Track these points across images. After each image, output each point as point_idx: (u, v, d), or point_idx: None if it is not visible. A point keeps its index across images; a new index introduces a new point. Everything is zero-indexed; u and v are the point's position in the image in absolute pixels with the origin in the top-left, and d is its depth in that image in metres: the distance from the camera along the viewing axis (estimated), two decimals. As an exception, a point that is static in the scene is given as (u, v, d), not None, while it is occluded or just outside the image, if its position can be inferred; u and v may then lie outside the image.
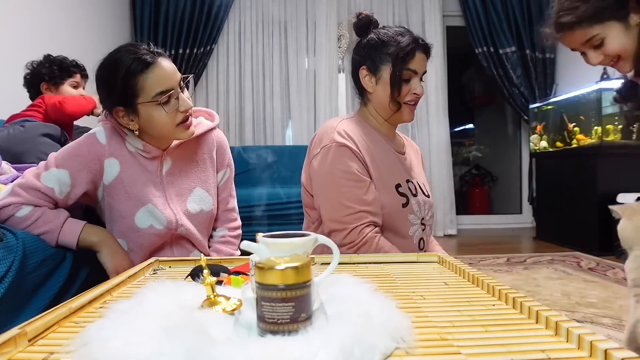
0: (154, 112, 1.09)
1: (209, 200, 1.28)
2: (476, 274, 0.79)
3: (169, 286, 0.63)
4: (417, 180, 1.29)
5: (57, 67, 1.94)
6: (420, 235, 1.25)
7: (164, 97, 1.08)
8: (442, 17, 4.23)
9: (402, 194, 1.21)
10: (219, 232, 1.36)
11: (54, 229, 1.09)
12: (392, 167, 1.23)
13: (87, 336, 0.49)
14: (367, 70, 1.23)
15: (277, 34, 4.15)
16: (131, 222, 1.17)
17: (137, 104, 1.08)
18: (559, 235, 3.53)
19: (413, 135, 4.20)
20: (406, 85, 1.20)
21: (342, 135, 1.17)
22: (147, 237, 1.18)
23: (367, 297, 0.58)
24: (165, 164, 1.22)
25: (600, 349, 0.46)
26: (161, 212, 1.18)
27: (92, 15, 3.25)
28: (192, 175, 1.26)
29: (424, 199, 1.27)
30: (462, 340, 0.52)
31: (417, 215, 1.23)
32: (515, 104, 4.21)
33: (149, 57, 1.07)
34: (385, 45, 1.19)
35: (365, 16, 1.26)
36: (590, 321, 1.75)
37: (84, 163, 1.13)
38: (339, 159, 1.15)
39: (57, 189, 1.10)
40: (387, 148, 1.25)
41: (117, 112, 1.12)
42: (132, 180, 1.17)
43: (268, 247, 0.53)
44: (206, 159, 1.30)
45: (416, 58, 1.19)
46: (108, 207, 1.18)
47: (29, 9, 2.47)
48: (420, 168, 1.39)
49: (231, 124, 4.11)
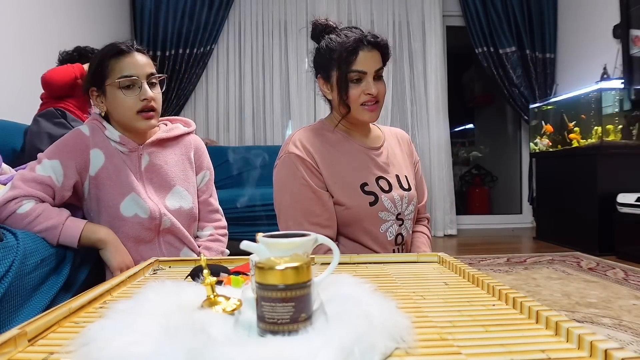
0: (117, 95, 1.19)
1: (188, 198, 1.31)
2: (476, 274, 0.78)
3: (169, 286, 0.63)
4: (395, 174, 1.26)
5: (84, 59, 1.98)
6: (396, 231, 1.23)
7: (126, 80, 1.17)
8: (442, 17, 4.23)
9: (369, 192, 1.19)
10: (206, 231, 1.38)
11: (56, 226, 1.09)
12: (358, 167, 1.21)
13: (87, 336, 0.49)
14: (322, 79, 1.22)
15: (277, 34, 4.15)
16: (117, 211, 1.19)
17: (105, 85, 1.19)
18: (559, 235, 3.52)
19: (413, 135, 4.20)
20: (356, 86, 1.16)
21: (296, 145, 1.18)
22: (132, 227, 1.20)
23: (367, 297, 0.58)
24: (144, 160, 1.26)
25: (600, 349, 0.46)
26: (144, 202, 1.21)
27: (92, 16, 3.25)
28: (171, 173, 1.29)
29: (402, 194, 1.24)
30: (462, 340, 0.52)
31: (390, 212, 1.21)
32: (515, 104, 4.21)
33: (124, 47, 1.19)
34: (331, 51, 1.17)
35: (318, 24, 1.23)
36: (590, 321, 1.75)
37: (71, 152, 1.18)
38: (291, 170, 1.16)
39: (53, 176, 1.14)
40: (354, 149, 1.23)
41: (92, 92, 1.23)
42: (116, 171, 1.21)
43: (268, 247, 0.53)
44: (184, 160, 1.34)
45: (361, 57, 1.14)
46: (95, 199, 1.21)
47: (28, 9, 2.47)
48: (404, 158, 1.34)
49: (231, 124, 4.11)
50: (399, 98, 4.22)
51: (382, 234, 1.20)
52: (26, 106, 2.18)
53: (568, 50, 4.07)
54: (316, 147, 1.19)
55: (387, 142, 1.32)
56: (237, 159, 3.22)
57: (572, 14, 4.02)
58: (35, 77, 1.92)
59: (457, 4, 4.27)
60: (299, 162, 1.16)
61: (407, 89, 4.21)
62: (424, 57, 4.21)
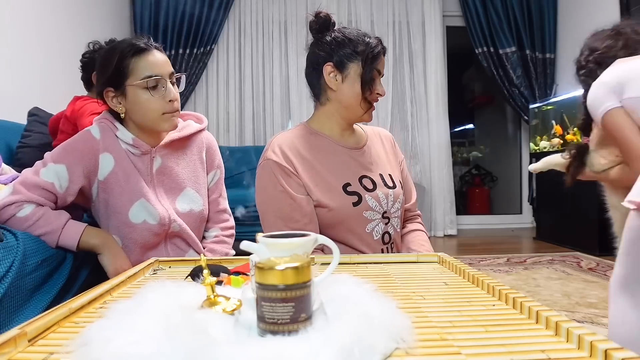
0: (141, 95, 1.13)
1: (199, 200, 1.29)
2: (476, 274, 0.78)
3: (169, 286, 0.63)
4: (379, 173, 1.25)
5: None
6: (383, 230, 1.22)
7: (152, 80, 1.13)
8: (442, 17, 4.23)
9: (352, 192, 1.19)
10: (212, 232, 1.36)
11: (54, 230, 1.09)
12: (340, 168, 1.21)
13: (87, 336, 0.49)
14: (333, 67, 1.18)
15: (277, 34, 4.15)
16: (125, 218, 1.17)
17: (126, 85, 1.13)
18: (559, 236, 3.52)
19: (413, 135, 4.20)
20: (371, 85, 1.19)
21: (274, 151, 1.17)
22: (141, 233, 1.19)
23: (367, 297, 0.58)
24: (155, 162, 1.23)
25: (600, 349, 0.46)
26: (154, 207, 1.19)
27: (92, 16, 3.25)
28: (182, 175, 1.27)
29: (386, 192, 1.23)
30: (462, 340, 0.52)
31: (375, 211, 1.20)
32: (515, 104, 4.21)
33: (143, 44, 1.14)
34: (353, 43, 1.17)
35: (327, 15, 1.23)
36: (590, 321, 1.75)
37: (79, 157, 1.14)
38: (270, 177, 1.16)
39: (57, 183, 1.12)
40: (336, 150, 1.23)
41: (107, 93, 1.16)
42: (125, 176, 1.18)
43: (268, 247, 0.53)
44: (196, 160, 1.31)
45: (381, 59, 1.20)
46: (103, 203, 1.19)
47: (28, 9, 2.47)
48: (388, 156, 1.33)
49: (231, 124, 4.11)
50: (399, 98, 4.22)
51: (368, 234, 1.19)
52: (26, 106, 2.18)
53: (568, 50, 4.06)
54: (295, 151, 1.19)
55: (369, 142, 1.30)
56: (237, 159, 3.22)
57: (572, 14, 4.02)
58: (34, 76, 1.92)
59: (457, 4, 4.27)
60: (277, 168, 1.15)
61: (407, 89, 4.21)
62: (424, 57, 4.21)
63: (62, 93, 2.01)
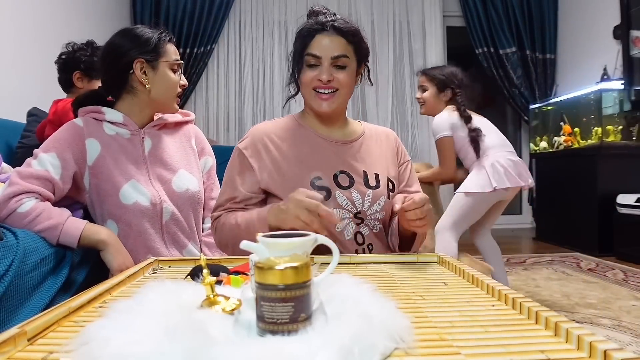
0: (169, 74, 1.29)
1: (194, 181, 1.34)
2: (476, 274, 0.79)
3: (168, 286, 0.63)
4: (362, 170, 1.19)
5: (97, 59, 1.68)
6: (354, 230, 1.15)
7: (177, 65, 1.32)
8: (442, 18, 4.24)
9: (321, 187, 1.13)
10: (207, 223, 1.39)
11: (56, 225, 1.09)
12: (313, 161, 1.16)
13: (87, 336, 0.49)
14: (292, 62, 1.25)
15: (277, 34, 4.15)
16: (117, 200, 1.21)
17: (160, 61, 1.28)
18: (558, 236, 3.53)
19: (413, 135, 4.20)
20: (310, 71, 1.15)
21: (245, 139, 1.21)
22: (134, 215, 1.21)
23: (367, 297, 0.58)
24: (146, 144, 1.29)
25: (600, 350, 0.46)
26: (144, 188, 1.23)
27: (92, 15, 3.25)
28: (175, 157, 1.33)
29: (364, 191, 1.16)
30: (462, 340, 0.52)
31: (346, 209, 1.14)
32: (515, 105, 4.21)
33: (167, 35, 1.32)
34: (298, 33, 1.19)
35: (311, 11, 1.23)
36: (589, 322, 1.75)
37: (67, 144, 1.20)
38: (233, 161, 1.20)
39: (51, 169, 1.15)
40: (316, 143, 1.20)
41: (137, 63, 1.25)
42: (113, 159, 1.23)
43: (268, 247, 0.53)
44: (186, 147, 1.39)
45: (317, 40, 1.12)
46: (95, 189, 1.22)
47: (28, 10, 2.47)
48: (384, 156, 1.26)
49: (231, 123, 4.11)
50: (399, 98, 4.22)
51: (339, 232, 1.13)
52: (25, 105, 2.18)
53: (568, 51, 4.07)
54: (268, 140, 1.18)
55: (364, 138, 1.26)
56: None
57: (572, 14, 4.02)
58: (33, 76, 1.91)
59: (457, 4, 4.27)
60: (242, 157, 1.18)
61: (407, 89, 4.21)
62: (424, 57, 4.21)
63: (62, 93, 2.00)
